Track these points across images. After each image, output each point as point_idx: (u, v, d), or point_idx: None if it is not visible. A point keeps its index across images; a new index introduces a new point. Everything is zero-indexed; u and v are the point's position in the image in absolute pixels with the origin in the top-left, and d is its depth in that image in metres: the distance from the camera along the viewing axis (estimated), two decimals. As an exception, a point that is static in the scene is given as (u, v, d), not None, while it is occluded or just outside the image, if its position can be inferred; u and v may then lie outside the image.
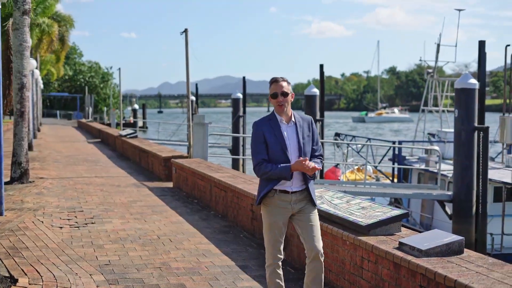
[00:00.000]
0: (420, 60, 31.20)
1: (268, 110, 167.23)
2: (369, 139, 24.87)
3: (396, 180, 21.63)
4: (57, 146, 23.96)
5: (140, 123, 54.38)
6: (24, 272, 5.96)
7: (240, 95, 30.84)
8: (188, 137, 15.26)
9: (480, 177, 14.89)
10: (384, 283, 4.88)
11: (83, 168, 16.00)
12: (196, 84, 49.99)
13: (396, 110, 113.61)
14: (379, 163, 23.57)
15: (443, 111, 26.06)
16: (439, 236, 4.77)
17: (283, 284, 4.72)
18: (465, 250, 4.69)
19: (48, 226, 8.34)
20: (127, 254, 6.94)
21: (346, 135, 26.96)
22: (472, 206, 14.97)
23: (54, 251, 6.93)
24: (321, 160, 4.69)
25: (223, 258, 6.84)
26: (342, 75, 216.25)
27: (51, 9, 30.34)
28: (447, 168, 18.09)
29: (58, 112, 66.97)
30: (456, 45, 27.39)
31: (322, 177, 20.17)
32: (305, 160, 4.41)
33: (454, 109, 15.35)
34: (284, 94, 4.55)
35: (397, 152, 21.33)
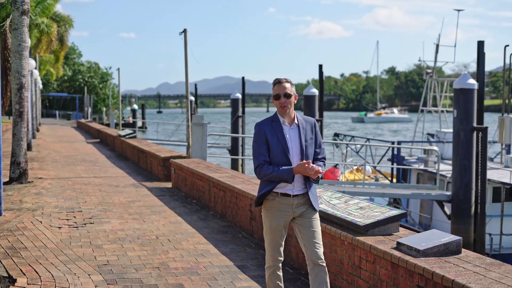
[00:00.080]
0: (419, 61, 31.28)
1: (268, 111, 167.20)
2: (368, 139, 24.89)
3: (395, 180, 21.64)
4: (56, 146, 23.95)
5: (139, 123, 54.35)
6: (23, 272, 5.96)
7: (239, 95, 30.84)
8: (187, 137, 15.26)
9: (479, 177, 14.91)
10: (382, 283, 4.89)
11: (82, 168, 16.00)
12: (196, 85, 50.01)
13: (395, 111, 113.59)
14: (378, 163, 23.58)
15: (442, 112, 26.06)
16: (437, 236, 4.78)
17: (283, 285, 4.70)
18: (463, 250, 4.70)
19: (47, 226, 8.34)
20: (126, 254, 6.94)
21: (345, 135, 26.94)
22: (471, 206, 15.00)
23: (53, 251, 6.94)
24: (324, 164, 4.62)
25: (222, 258, 6.85)
26: (342, 76, 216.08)
27: (51, 9, 30.35)
28: (446, 168, 18.12)
29: (57, 112, 66.93)
30: (455, 46, 27.42)
31: (321, 177, 20.14)
32: (308, 163, 4.33)
33: (453, 109, 15.37)
34: (287, 96, 4.48)
35: (396, 153, 21.34)
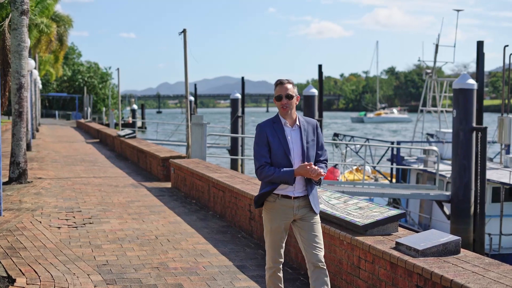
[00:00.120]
0: (419, 61, 31.27)
1: (268, 111, 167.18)
2: (368, 140, 24.90)
3: (395, 181, 21.65)
4: (56, 146, 23.95)
5: (139, 123, 54.39)
6: (22, 272, 5.96)
7: (239, 96, 30.84)
8: (187, 138, 15.26)
9: (478, 178, 14.92)
10: (381, 283, 4.89)
11: (82, 168, 16.00)
12: (195, 85, 50.07)
13: (395, 111, 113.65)
14: (378, 164, 23.60)
15: (442, 112, 26.08)
16: (436, 236, 4.78)
17: (283, 286, 4.69)
18: (462, 250, 4.70)
19: (46, 226, 8.35)
20: (125, 254, 6.94)
21: (345, 135, 26.95)
22: (470, 207, 15.00)
23: (52, 251, 6.94)
24: (326, 166, 4.59)
25: (221, 258, 6.85)
26: (341, 76, 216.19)
27: (50, 9, 30.35)
28: (446, 169, 18.13)
29: (57, 112, 66.92)
30: (455, 46, 27.41)
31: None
32: (310, 165, 4.30)
33: (453, 110, 15.37)
34: (289, 97, 4.45)
35: (396, 153, 21.35)
